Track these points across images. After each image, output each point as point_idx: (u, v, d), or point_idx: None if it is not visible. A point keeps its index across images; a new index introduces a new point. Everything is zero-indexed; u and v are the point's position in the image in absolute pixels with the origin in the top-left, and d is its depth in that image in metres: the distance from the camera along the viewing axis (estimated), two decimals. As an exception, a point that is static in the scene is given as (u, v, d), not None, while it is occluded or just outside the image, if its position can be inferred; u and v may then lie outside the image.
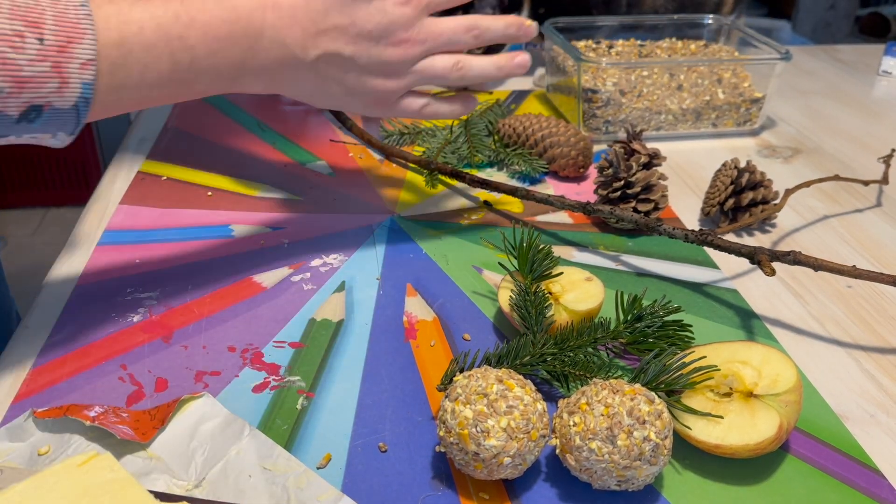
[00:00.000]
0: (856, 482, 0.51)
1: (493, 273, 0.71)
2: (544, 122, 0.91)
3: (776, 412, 0.50)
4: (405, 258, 0.73)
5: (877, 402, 0.58)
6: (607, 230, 0.79)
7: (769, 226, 0.81)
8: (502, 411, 0.47)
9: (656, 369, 0.53)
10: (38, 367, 0.58)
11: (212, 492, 0.48)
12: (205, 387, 0.57)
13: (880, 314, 0.68)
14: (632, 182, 0.77)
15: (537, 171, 0.88)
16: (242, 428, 0.52)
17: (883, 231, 0.81)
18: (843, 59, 1.35)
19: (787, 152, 0.99)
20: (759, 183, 0.80)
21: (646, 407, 0.47)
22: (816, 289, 0.71)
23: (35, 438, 0.51)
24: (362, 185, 0.87)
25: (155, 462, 0.50)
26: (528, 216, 0.81)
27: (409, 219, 0.80)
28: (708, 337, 0.63)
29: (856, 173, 0.91)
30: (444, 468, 0.51)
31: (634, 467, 0.46)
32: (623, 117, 0.98)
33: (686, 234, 0.69)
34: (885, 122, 1.09)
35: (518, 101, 1.11)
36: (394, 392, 0.57)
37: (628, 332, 0.59)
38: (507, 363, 0.56)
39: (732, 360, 0.54)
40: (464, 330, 0.64)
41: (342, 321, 0.64)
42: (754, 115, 1.02)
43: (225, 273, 0.70)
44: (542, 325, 0.59)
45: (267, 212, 0.81)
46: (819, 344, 0.64)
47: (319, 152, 0.95)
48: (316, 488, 0.48)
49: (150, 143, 0.96)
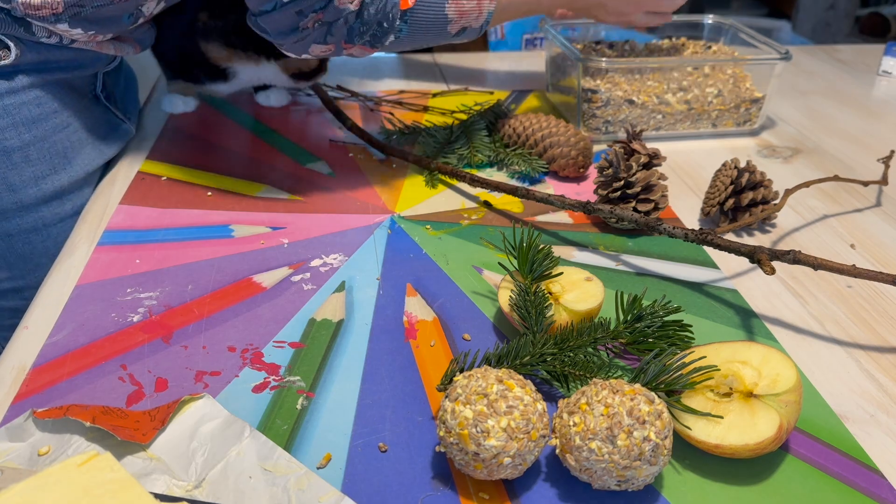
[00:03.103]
0: (856, 482, 0.51)
1: (493, 273, 0.71)
2: (544, 122, 0.91)
3: (776, 412, 0.50)
4: (405, 258, 0.73)
5: (877, 402, 0.58)
6: (607, 230, 0.79)
7: (769, 226, 0.81)
8: (502, 411, 0.47)
9: (656, 369, 0.53)
10: (37, 367, 0.58)
11: (212, 493, 0.48)
12: (205, 387, 0.57)
13: (880, 314, 0.68)
14: (632, 182, 0.77)
15: (537, 171, 0.88)
16: (243, 429, 0.52)
17: (883, 231, 0.81)
18: (843, 59, 1.35)
19: (786, 152, 0.99)
20: (758, 183, 0.80)
21: (646, 407, 0.47)
22: (816, 289, 0.71)
23: (35, 438, 0.51)
24: (362, 185, 0.87)
25: (155, 463, 0.50)
26: (528, 216, 0.81)
27: (409, 219, 0.80)
28: (708, 337, 0.63)
29: (855, 173, 0.91)
30: (444, 468, 0.51)
31: (634, 467, 0.46)
32: (623, 117, 0.98)
33: (686, 234, 0.69)
34: (885, 122, 1.09)
35: (518, 101, 1.11)
36: (394, 392, 0.57)
37: (628, 332, 0.59)
38: (507, 363, 0.56)
39: (732, 360, 0.54)
40: (464, 330, 0.64)
41: (342, 321, 0.64)
42: (754, 115, 1.02)
43: (225, 273, 0.70)
44: (541, 325, 0.59)
45: (267, 212, 0.81)
46: (819, 344, 0.64)
47: (319, 152, 0.95)
48: (317, 490, 0.48)
49: (150, 143, 0.96)
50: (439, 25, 0.81)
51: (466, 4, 0.81)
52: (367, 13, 0.75)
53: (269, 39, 0.79)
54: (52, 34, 0.76)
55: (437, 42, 0.85)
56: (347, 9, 0.74)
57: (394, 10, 0.76)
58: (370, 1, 0.75)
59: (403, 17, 0.78)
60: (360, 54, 0.82)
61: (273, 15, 0.74)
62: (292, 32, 0.75)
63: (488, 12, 0.84)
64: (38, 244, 0.80)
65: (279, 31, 0.76)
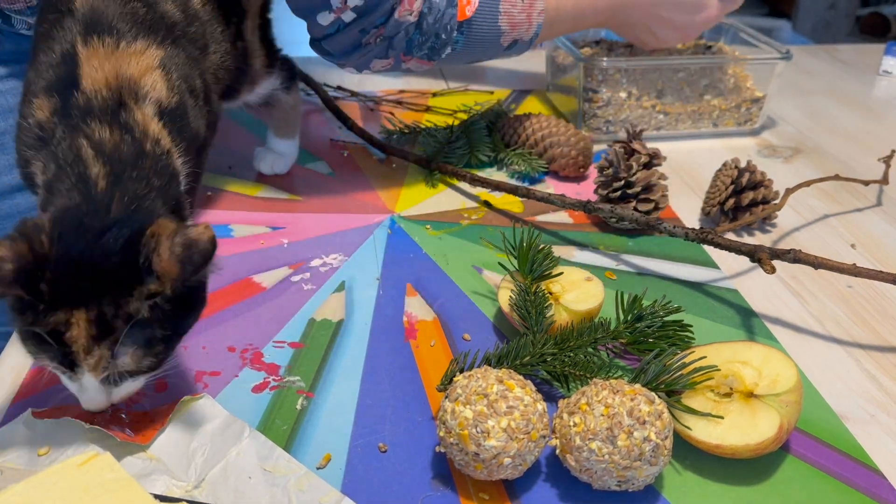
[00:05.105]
0: (856, 482, 0.51)
1: (493, 273, 0.71)
2: (544, 121, 0.91)
3: (777, 412, 0.50)
4: (405, 258, 0.73)
5: (877, 402, 0.58)
6: (607, 230, 0.79)
7: (769, 225, 0.81)
8: (502, 412, 0.47)
9: (656, 369, 0.53)
10: (37, 368, 0.58)
11: (211, 493, 0.48)
12: (204, 387, 0.57)
13: (881, 314, 0.68)
14: (632, 182, 0.77)
15: (537, 170, 0.88)
16: (242, 429, 0.52)
17: (883, 231, 0.81)
18: (843, 59, 1.35)
19: (787, 152, 0.98)
20: (759, 183, 0.79)
21: (646, 407, 0.47)
22: (817, 289, 0.71)
23: (34, 439, 0.51)
24: (362, 185, 0.87)
25: (155, 463, 0.50)
26: (529, 216, 0.81)
27: (409, 219, 0.80)
28: (708, 337, 0.63)
29: (856, 173, 0.91)
30: (444, 468, 0.51)
31: (635, 468, 0.46)
32: (624, 117, 0.98)
33: (686, 233, 0.69)
34: (886, 122, 1.09)
35: (518, 100, 1.11)
36: (394, 392, 0.57)
37: (628, 332, 0.59)
38: (507, 363, 0.55)
39: (733, 361, 0.54)
40: (464, 330, 0.64)
41: (342, 321, 0.64)
42: (755, 114, 1.02)
43: (224, 273, 0.70)
44: (542, 325, 0.59)
45: (267, 212, 0.81)
46: (819, 344, 0.64)
47: (319, 152, 0.95)
48: (317, 490, 0.48)
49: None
50: (493, 37, 0.82)
51: (517, 16, 0.82)
52: (426, 23, 0.77)
53: (331, 61, 0.80)
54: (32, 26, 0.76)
55: (490, 56, 0.86)
56: (407, 21, 0.75)
57: (451, 22, 0.78)
58: (428, 11, 0.76)
59: (460, 29, 0.79)
60: (417, 68, 0.83)
61: (336, 37, 0.75)
62: (355, 50, 0.77)
63: (538, 24, 0.84)
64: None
65: (343, 51, 0.78)
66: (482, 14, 0.80)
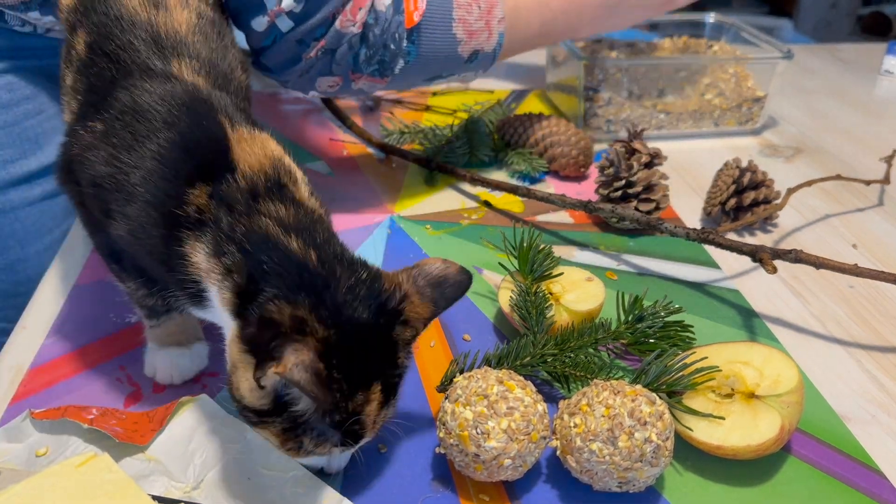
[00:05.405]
0: (857, 483, 0.50)
1: (493, 273, 0.71)
2: (545, 121, 0.91)
3: (778, 413, 0.50)
4: (405, 258, 0.73)
5: (878, 403, 0.58)
6: (608, 230, 0.78)
7: (771, 225, 0.81)
8: (503, 413, 0.46)
9: (658, 370, 0.53)
10: (35, 368, 0.58)
11: (210, 494, 0.48)
12: (203, 388, 0.57)
13: (882, 314, 0.67)
14: (633, 181, 0.77)
15: (537, 170, 0.88)
16: (241, 430, 0.51)
17: (885, 231, 0.81)
18: (844, 59, 1.35)
19: (788, 152, 0.98)
20: (760, 182, 0.79)
21: (647, 408, 0.47)
22: (818, 289, 0.71)
23: (33, 439, 0.51)
24: (362, 185, 0.87)
25: (153, 464, 0.49)
26: (529, 216, 0.81)
27: (409, 219, 0.80)
28: (709, 337, 0.62)
29: (857, 173, 0.91)
30: (444, 470, 0.51)
31: (636, 469, 0.46)
32: (624, 116, 0.98)
33: (688, 233, 0.68)
34: (887, 122, 1.09)
35: (518, 100, 1.11)
36: (393, 393, 0.57)
37: (629, 332, 0.59)
38: (507, 364, 0.55)
39: (734, 361, 0.53)
40: (464, 330, 0.64)
41: (342, 321, 0.64)
42: (756, 114, 1.02)
43: (224, 273, 0.70)
44: (542, 325, 0.59)
45: (266, 212, 0.80)
46: (820, 344, 0.64)
47: (319, 152, 0.94)
48: (316, 492, 0.48)
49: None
50: (449, 48, 0.76)
51: (475, 24, 0.76)
52: (371, 35, 0.71)
53: (273, 79, 0.75)
54: (26, 23, 0.76)
55: (451, 71, 0.80)
56: (350, 32, 0.70)
57: (399, 29, 0.72)
58: (374, 22, 0.70)
59: (411, 38, 0.73)
60: (369, 88, 0.77)
61: (273, 49, 0.70)
62: (295, 64, 0.71)
63: (499, 34, 0.78)
64: (5, 226, 0.79)
65: (281, 65, 0.72)
66: (433, 21, 0.74)
